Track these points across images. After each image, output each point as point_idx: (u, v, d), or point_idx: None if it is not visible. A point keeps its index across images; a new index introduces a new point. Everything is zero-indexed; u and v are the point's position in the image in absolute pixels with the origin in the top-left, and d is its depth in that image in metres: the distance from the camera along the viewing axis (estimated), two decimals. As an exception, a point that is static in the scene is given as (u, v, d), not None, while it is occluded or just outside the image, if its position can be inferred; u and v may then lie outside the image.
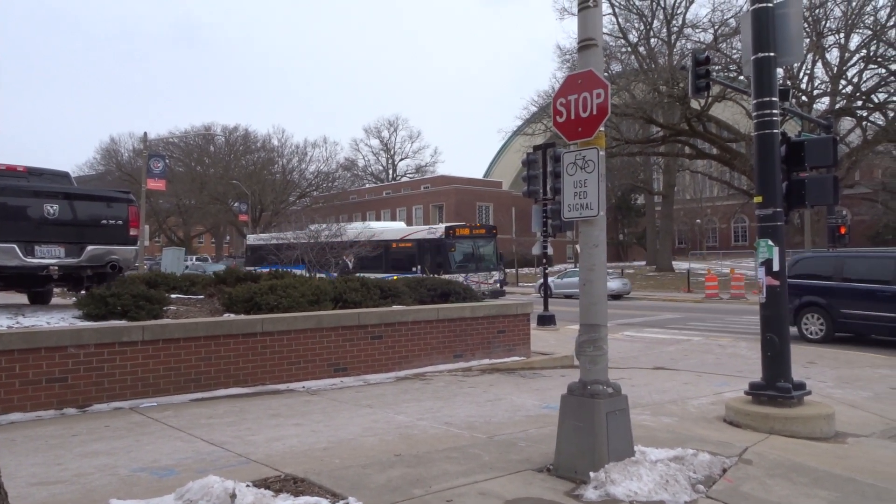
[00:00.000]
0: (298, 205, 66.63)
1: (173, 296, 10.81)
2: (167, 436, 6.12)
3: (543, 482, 4.86)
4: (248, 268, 28.74)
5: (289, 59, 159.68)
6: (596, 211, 5.00)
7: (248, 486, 4.32)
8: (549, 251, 17.89)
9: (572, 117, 5.14)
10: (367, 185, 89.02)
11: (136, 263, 22.15)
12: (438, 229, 26.18)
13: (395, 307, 10.14)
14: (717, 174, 53.35)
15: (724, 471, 5.19)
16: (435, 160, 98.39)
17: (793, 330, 13.48)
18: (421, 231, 27.40)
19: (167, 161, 43.93)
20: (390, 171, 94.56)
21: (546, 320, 16.86)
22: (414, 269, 25.27)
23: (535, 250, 17.79)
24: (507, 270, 51.15)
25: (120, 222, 9.06)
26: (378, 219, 73.63)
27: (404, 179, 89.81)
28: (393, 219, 72.00)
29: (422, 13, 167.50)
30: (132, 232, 9.26)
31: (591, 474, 4.68)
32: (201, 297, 11.29)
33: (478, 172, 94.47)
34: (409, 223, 70.02)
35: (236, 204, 57.11)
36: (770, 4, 7.03)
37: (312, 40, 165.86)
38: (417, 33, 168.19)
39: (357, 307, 10.00)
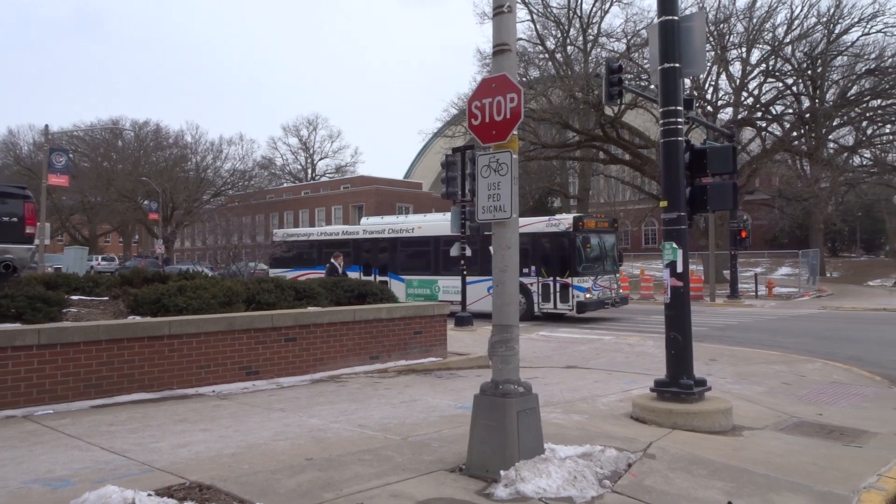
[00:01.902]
0: (213, 203, 64.68)
1: (75, 297, 10.28)
2: (63, 445, 5.80)
3: (455, 482, 4.89)
4: (274, 271, 25.38)
5: (203, 53, 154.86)
6: (509, 213, 5.08)
7: (149, 495, 4.16)
8: (468, 252, 18.03)
9: (487, 120, 5.21)
10: (286, 185, 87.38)
11: (34, 263, 20.86)
12: (563, 220, 20.67)
13: (310, 309, 9.99)
14: (630, 179, 55.23)
15: (630, 466, 5.37)
16: (355, 160, 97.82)
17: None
18: (536, 223, 21.29)
19: (71, 156, 41.72)
20: (309, 171, 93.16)
21: (464, 321, 17.00)
22: (525, 270, 20.13)
23: (454, 251, 17.89)
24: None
25: (15, 219, 8.57)
26: (296, 219, 72.47)
27: (324, 179, 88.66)
28: (311, 219, 71.01)
29: (342, 12, 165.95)
30: (28, 230, 8.77)
31: (502, 473, 4.75)
32: (105, 298, 10.78)
33: (398, 173, 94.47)
34: (328, 223, 69.24)
35: (146, 202, 54.82)
36: (675, 18, 7.33)
37: (227, 35, 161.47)
38: (337, 32, 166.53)
39: (271, 309, 9.80)
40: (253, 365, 8.86)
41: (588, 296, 19.78)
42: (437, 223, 23.23)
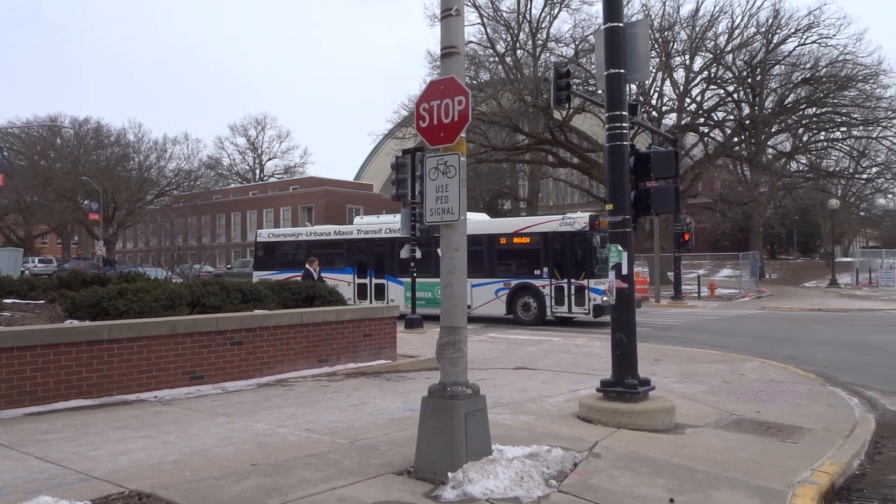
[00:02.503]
0: (157, 204, 63.07)
1: (8, 301, 9.89)
2: (-6, 455, 5.57)
3: (403, 485, 4.88)
4: (258, 274, 24.61)
5: (145, 50, 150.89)
6: (457, 215, 5.10)
7: (85, 505, 4.02)
8: (418, 254, 18.02)
9: (435, 123, 5.21)
10: (233, 185, 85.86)
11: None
12: (578, 219, 19.55)
13: (256, 311, 9.83)
14: (578, 182, 56.12)
15: (576, 465, 5.45)
16: (305, 161, 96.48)
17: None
18: (549, 221, 20.35)
19: (5, 154, 40.14)
20: (257, 171, 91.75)
21: (414, 323, 16.99)
22: (537, 272, 19.71)
23: (404, 253, 17.86)
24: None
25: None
26: (243, 221, 71.27)
27: (272, 180, 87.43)
28: (259, 220, 69.92)
29: (291, 10, 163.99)
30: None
31: (450, 475, 4.76)
32: (42, 302, 10.39)
33: (349, 175, 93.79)
34: (276, 225, 68.27)
35: (86, 202, 53.05)
36: (621, 25, 7.47)
37: (172, 32, 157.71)
38: (286, 30, 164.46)
39: (216, 312, 9.60)
40: (197, 369, 8.66)
41: (605, 298, 18.21)
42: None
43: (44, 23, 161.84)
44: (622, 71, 7.44)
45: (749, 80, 39.08)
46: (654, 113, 38.92)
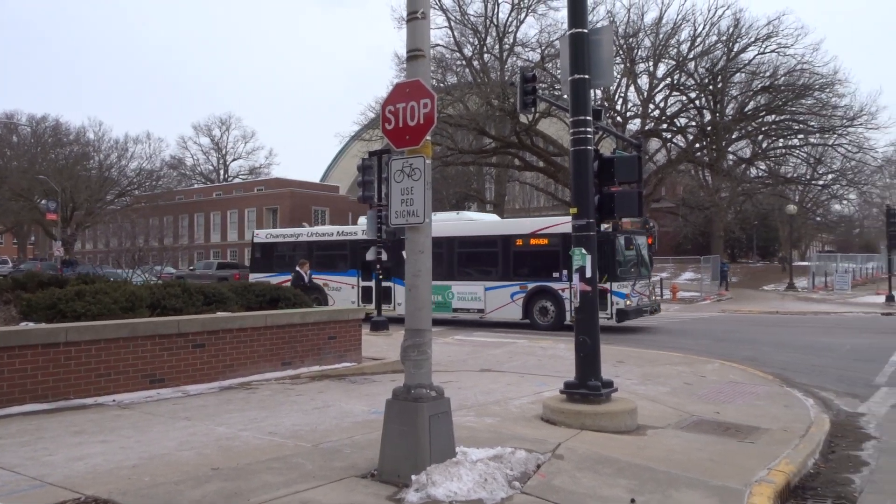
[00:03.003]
0: (118, 204, 61.84)
1: (-41, 303, 9.60)
2: (-56, 461, 5.40)
3: (366, 488, 4.86)
4: (255, 276, 23.63)
5: (107, 47, 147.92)
6: (422, 218, 5.10)
7: (39, 512, 3.92)
8: (384, 257, 17.97)
9: (400, 125, 5.21)
10: (197, 186, 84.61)
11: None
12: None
13: (219, 314, 9.70)
14: (544, 186, 56.62)
15: (539, 466, 5.49)
16: (270, 162, 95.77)
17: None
18: (569, 222, 20.78)
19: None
20: (221, 172, 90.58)
21: (379, 325, 16.92)
22: (556, 274, 18.83)
23: (370, 256, 17.78)
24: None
25: None
26: (207, 222, 70.26)
27: (237, 180, 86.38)
28: (223, 221, 69.02)
29: (257, 9, 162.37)
30: None
31: (413, 477, 4.75)
32: (-5, 304, 10.11)
33: (315, 176, 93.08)
34: (240, 226, 67.47)
35: (43, 201, 51.77)
36: (585, 31, 7.56)
37: (133, 29, 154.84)
38: (252, 30, 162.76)
39: (178, 314, 9.45)
40: (158, 373, 8.51)
41: (628, 303, 18.11)
42: (451, 222, 21.53)
43: (1, 19, 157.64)
44: (586, 76, 7.52)
45: (710, 87, 39.87)
46: (618, 118, 39.46)
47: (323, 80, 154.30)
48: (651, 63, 39.51)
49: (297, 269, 15.77)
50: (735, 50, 38.41)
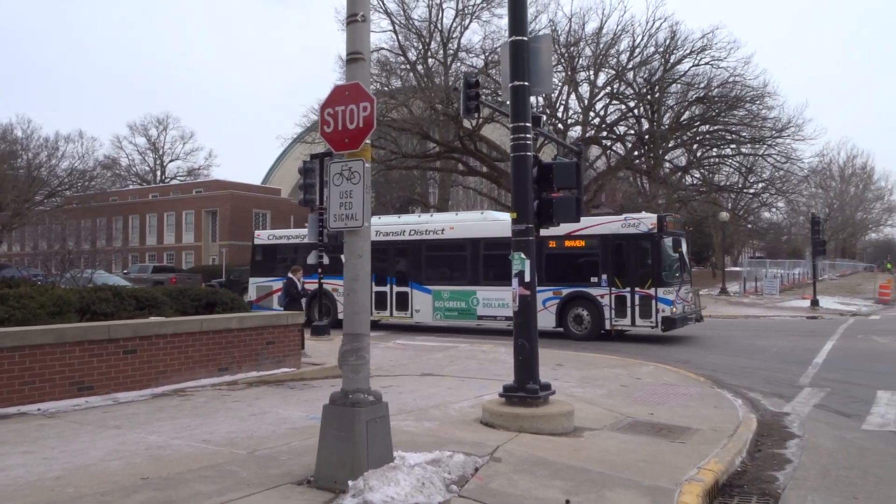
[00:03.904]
0: (47, 205, 59.41)
1: None
2: None
3: (302, 495, 4.80)
4: (255, 280, 22.58)
5: (37, 42, 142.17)
6: (361, 222, 5.08)
7: (-48, 528, 3.73)
8: (326, 261, 17.77)
9: (340, 128, 5.18)
10: (132, 186, 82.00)
11: None
12: (644, 219, 17.38)
13: (152, 318, 9.43)
14: (487, 191, 57.06)
15: (477, 469, 5.52)
16: (209, 163, 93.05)
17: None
18: (608, 222, 18.10)
19: None
20: (158, 173, 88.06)
21: (320, 330, 16.74)
22: (594, 279, 17.52)
23: (311, 260, 17.55)
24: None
25: None
26: (142, 224, 68.17)
27: (174, 182, 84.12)
28: (160, 224, 67.10)
29: (197, 6, 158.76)
30: None
31: (350, 483, 4.72)
32: None
33: (256, 179, 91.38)
34: (177, 229, 65.72)
35: (-34, 201, 49.37)
36: (525, 39, 7.67)
37: (68, 24, 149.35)
38: (192, 28, 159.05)
39: (108, 319, 9.15)
40: (86, 380, 8.20)
41: (674, 310, 16.79)
42: (475, 223, 20.11)
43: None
44: (526, 83, 7.63)
45: (648, 96, 40.90)
46: (560, 125, 40.09)
47: (265, 80, 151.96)
48: (592, 72, 40.30)
49: (290, 275, 14.79)
50: (671, 61, 39.52)
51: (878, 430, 8.01)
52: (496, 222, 19.59)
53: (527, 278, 7.51)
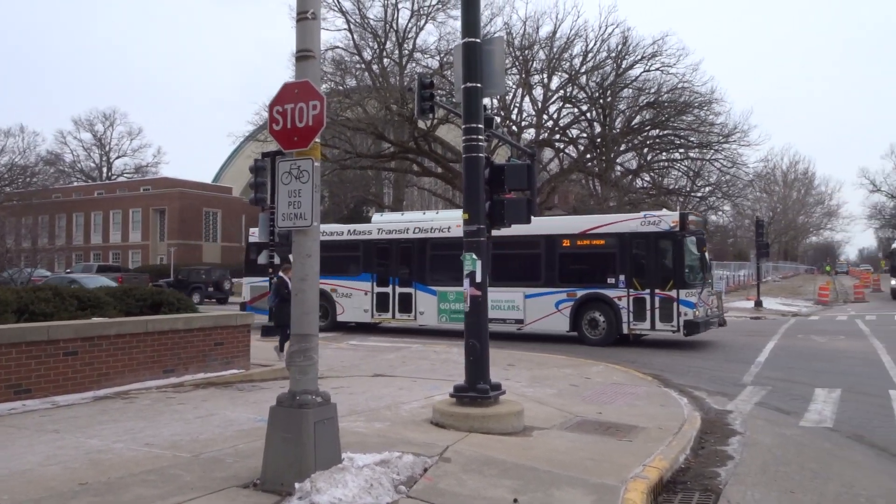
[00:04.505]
0: (-15, 201, 57.18)
1: None
2: None
3: (248, 498, 4.72)
4: (250, 280, 20.97)
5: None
6: (309, 221, 5.02)
7: None
8: (276, 260, 17.53)
9: (289, 126, 5.12)
10: (77, 183, 79.54)
11: None
12: (666, 217, 16.40)
13: (94, 319, 9.16)
14: (442, 192, 57.15)
15: (426, 470, 5.52)
16: (158, 161, 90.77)
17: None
18: (627, 220, 17.16)
19: None
20: (104, 170, 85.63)
21: (271, 331, 16.46)
22: (611, 280, 16.52)
23: (261, 259, 17.28)
24: (234, 280, 49.28)
25: None
26: (87, 222, 66.19)
27: (121, 179, 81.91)
28: (105, 222, 65.26)
29: (146, 1, 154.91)
30: None
31: (297, 485, 4.66)
32: None
33: (207, 177, 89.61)
34: (124, 228, 64.03)
35: None
36: (478, 40, 7.71)
37: (8, 13, 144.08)
38: (141, 22, 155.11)
39: (48, 320, 8.85)
40: (24, 383, 7.92)
41: (697, 313, 15.82)
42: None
43: None
44: (479, 85, 7.67)
45: (600, 100, 41.55)
46: (514, 127, 40.43)
47: (217, 77, 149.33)
48: (545, 75, 40.75)
49: (281, 274, 14.01)
50: (623, 66, 40.23)
51: (815, 427, 8.29)
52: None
53: (478, 279, 7.55)
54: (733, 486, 5.99)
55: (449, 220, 18.90)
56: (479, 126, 7.68)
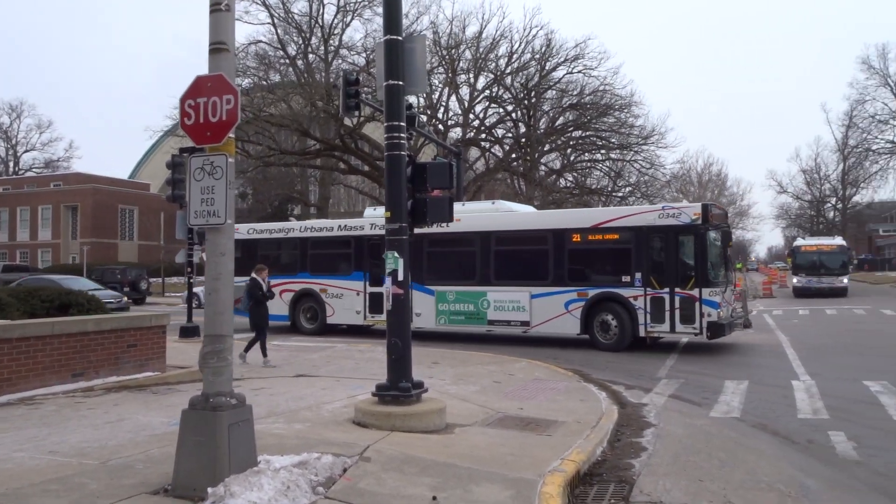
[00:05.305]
0: None
1: None
2: None
3: (158, 505, 4.56)
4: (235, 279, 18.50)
5: None
6: (223, 219, 4.89)
7: None
8: (196, 259, 17.05)
9: (201, 121, 4.97)
10: (-21, 178, 74.98)
11: None
12: (686, 209, 14.87)
13: (-5, 322, 8.65)
14: (369, 190, 56.77)
15: (345, 470, 5.47)
16: (70, 155, 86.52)
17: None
18: (643, 212, 15.62)
19: None
20: (11, 164, 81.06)
21: (189, 332, 16.01)
22: (626, 278, 15.12)
23: (179, 258, 16.81)
24: (151, 280, 47.55)
25: None
26: (-9, 219, 62.49)
27: (29, 174, 77.71)
28: (12, 219, 61.84)
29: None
30: None
31: (210, 490, 4.54)
32: None
33: (123, 173, 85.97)
34: (32, 225, 60.78)
35: None
36: (400, 38, 7.68)
37: None
38: (53, 9, 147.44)
39: (-58, 323, 8.30)
40: (-87, 390, 7.41)
41: (722, 314, 14.50)
42: (485, 215, 17.39)
43: None
44: (401, 83, 7.65)
45: (525, 101, 42.27)
46: (440, 126, 40.61)
47: (135, 70, 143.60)
48: (472, 75, 41.13)
49: (254, 274, 13.22)
50: (547, 68, 41.05)
51: (723, 417, 8.67)
52: (509, 213, 17.67)
53: (400, 277, 7.53)
54: (646, 476, 6.19)
55: None
56: (401, 124, 7.66)
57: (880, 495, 5.75)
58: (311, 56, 41.79)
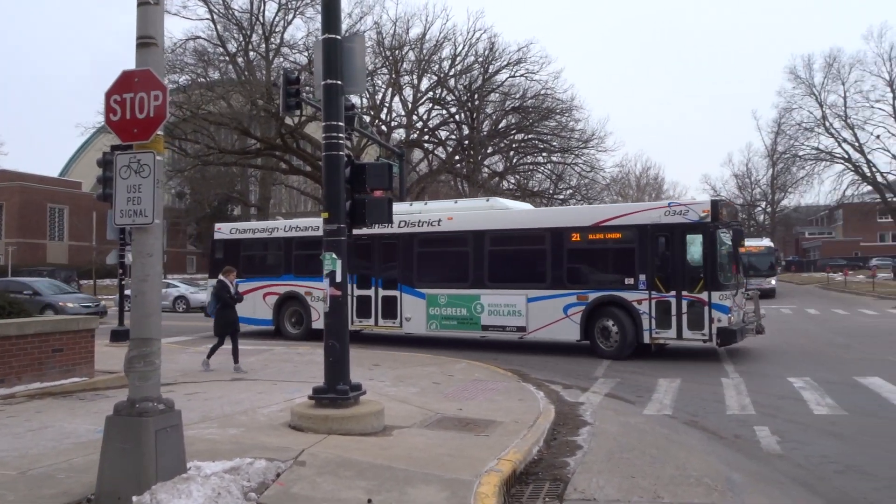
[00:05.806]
0: None
1: None
2: None
3: (79, 515, 4.39)
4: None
5: None
6: (150, 218, 4.75)
7: None
8: (128, 261, 16.50)
9: (128, 117, 4.82)
10: None
11: None
12: (694, 206, 13.82)
13: None
14: (311, 190, 56.10)
15: (279, 475, 5.38)
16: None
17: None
18: (648, 209, 14.49)
19: None
20: (-70, 160, 76.89)
21: (121, 336, 15.47)
22: (629, 280, 14.09)
23: (110, 259, 16.25)
24: (82, 282, 45.83)
25: None
26: None
27: (-50, 171, 73.89)
28: (-70, 218, 58.62)
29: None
30: None
31: (135, 499, 4.39)
32: None
33: (53, 171, 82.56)
34: (-47, 224, 57.76)
35: None
36: (338, 37, 7.62)
37: None
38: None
39: None
40: None
41: (732, 319, 13.50)
42: (479, 213, 16.37)
43: None
44: (339, 82, 7.58)
45: (469, 104, 42.54)
46: (384, 127, 40.47)
47: (67, 65, 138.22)
48: (415, 76, 41.15)
49: (221, 276, 12.60)
50: (490, 71, 41.42)
51: (656, 415, 8.89)
52: (504, 212, 16.58)
53: (338, 279, 7.46)
54: (581, 474, 6.29)
55: (440, 213, 16.69)
56: (340, 124, 7.60)
57: (800, 486, 5.98)
58: (251, 53, 41.08)
